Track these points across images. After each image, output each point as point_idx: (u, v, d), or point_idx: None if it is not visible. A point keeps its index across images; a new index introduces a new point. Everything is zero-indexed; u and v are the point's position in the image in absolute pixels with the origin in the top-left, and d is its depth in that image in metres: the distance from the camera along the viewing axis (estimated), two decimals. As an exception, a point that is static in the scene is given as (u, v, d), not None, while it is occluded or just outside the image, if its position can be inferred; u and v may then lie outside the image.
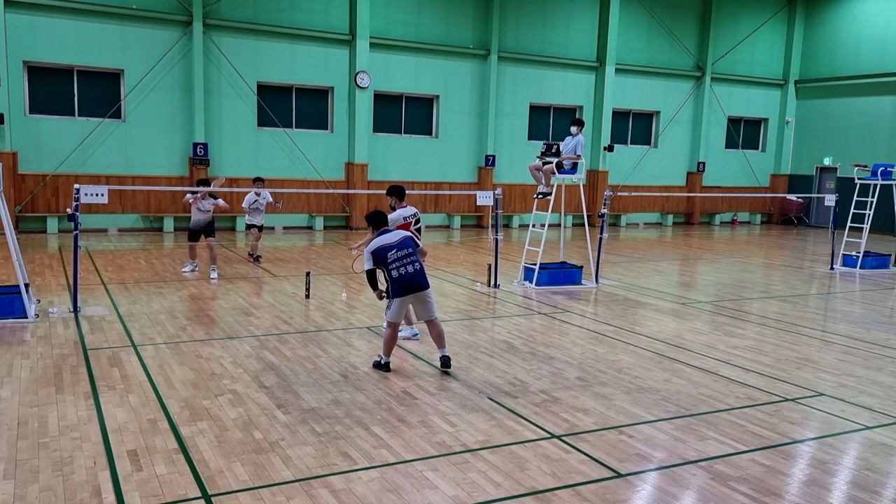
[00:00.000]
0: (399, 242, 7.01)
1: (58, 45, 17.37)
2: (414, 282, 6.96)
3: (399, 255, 6.94)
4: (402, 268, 6.91)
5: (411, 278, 6.94)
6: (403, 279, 6.91)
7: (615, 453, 5.37)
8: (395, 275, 6.91)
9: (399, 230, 7.32)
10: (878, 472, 5.22)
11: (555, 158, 12.12)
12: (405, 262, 6.93)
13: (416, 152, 21.93)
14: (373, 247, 7.00)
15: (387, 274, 6.97)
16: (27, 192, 17.43)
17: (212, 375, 6.92)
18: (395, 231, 7.22)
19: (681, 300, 11.71)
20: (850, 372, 7.77)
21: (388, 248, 6.94)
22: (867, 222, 15.58)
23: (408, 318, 8.19)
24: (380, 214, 7.30)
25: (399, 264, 6.92)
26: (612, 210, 24.10)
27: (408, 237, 7.12)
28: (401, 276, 6.91)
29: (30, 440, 5.26)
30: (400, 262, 6.92)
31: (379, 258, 6.95)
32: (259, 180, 13.98)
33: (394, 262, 6.91)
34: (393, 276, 6.93)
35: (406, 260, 6.95)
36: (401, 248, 6.97)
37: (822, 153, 27.08)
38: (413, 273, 6.96)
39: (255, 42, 19.35)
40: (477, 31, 22.24)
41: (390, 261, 6.91)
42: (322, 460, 5.07)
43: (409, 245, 7.07)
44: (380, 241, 7.03)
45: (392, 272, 6.91)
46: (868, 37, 25.42)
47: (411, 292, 6.98)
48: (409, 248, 7.04)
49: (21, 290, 8.80)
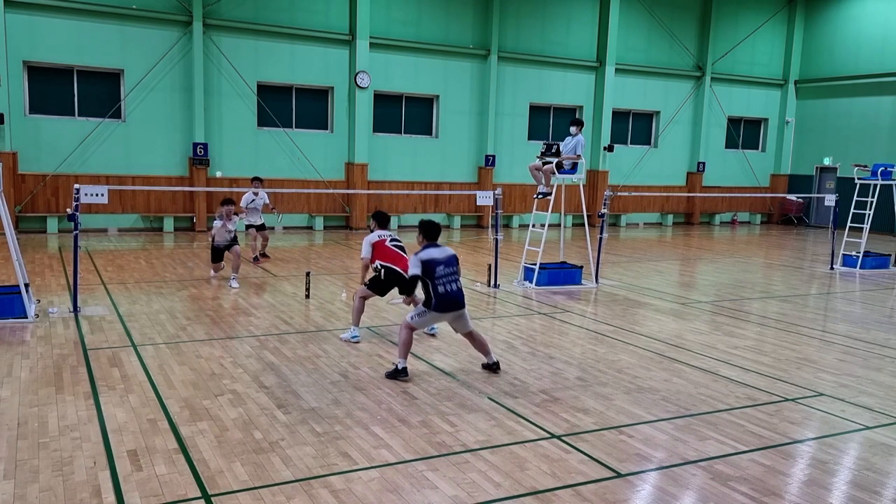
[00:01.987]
0: (447, 259, 7.06)
1: (58, 45, 17.37)
2: (456, 301, 7.03)
3: (447, 271, 6.99)
4: (448, 285, 6.96)
5: (455, 297, 7.01)
6: (448, 297, 6.95)
7: (615, 453, 5.37)
8: (441, 291, 6.93)
9: (447, 247, 7.30)
10: (878, 472, 5.22)
11: (555, 158, 12.12)
12: (450, 280, 6.99)
13: (416, 152, 21.93)
14: (424, 256, 6.99)
15: (431, 288, 6.96)
16: (27, 192, 17.43)
17: (212, 375, 6.92)
18: (444, 247, 7.22)
19: (681, 300, 11.71)
20: (850, 372, 7.77)
21: (437, 263, 6.97)
22: (867, 222, 15.58)
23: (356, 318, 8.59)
24: (434, 225, 7.30)
25: (445, 280, 6.96)
26: (612, 210, 24.10)
27: (454, 255, 7.18)
28: (446, 292, 6.94)
29: (30, 440, 5.26)
30: (446, 278, 6.97)
31: (427, 270, 6.96)
32: (257, 180, 13.95)
33: (441, 278, 6.94)
34: (438, 291, 6.93)
35: (451, 277, 7.02)
36: (448, 264, 7.03)
37: (821, 153, 27.08)
38: (456, 291, 7.03)
39: (255, 42, 19.36)
40: (477, 31, 22.25)
41: (438, 276, 6.93)
42: (322, 460, 5.07)
43: (455, 263, 7.14)
44: (431, 253, 7.04)
45: (438, 287, 6.93)
46: (868, 37, 25.42)
47: (452, 310, 7.05)
48: (455, 266, 7.12)
49: (21, 290, 8.80)
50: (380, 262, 8.31)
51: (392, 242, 8.51)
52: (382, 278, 8.33)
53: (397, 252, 8.42)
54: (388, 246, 8.42)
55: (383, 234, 8.57)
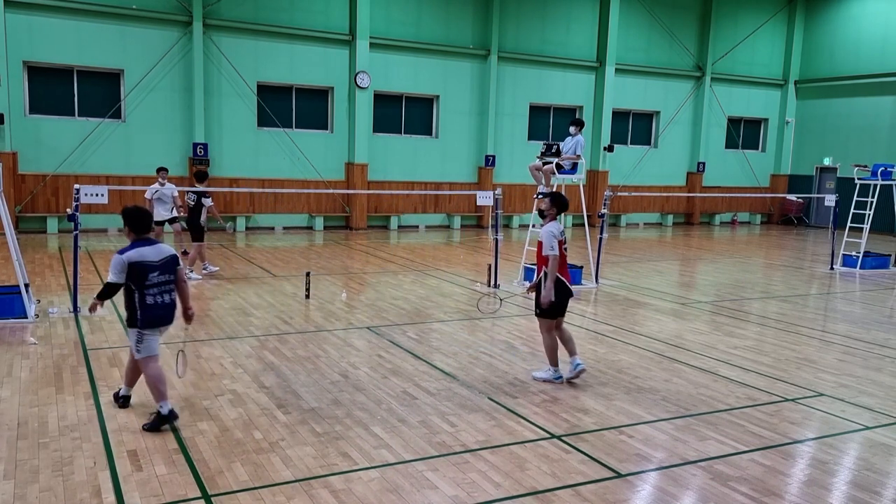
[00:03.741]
0: (163, 263, 5.88)
1: (58, 45, 17.37)
2: (165, 316, 5.87)
3: (161, 279, 5.84)
4: (160, 296, 5.82)
5: (165, 311, 5.85)
6: (157, 310, 5.79)
7: (615, 453, 5.37)
8: (150, 302, 5.76)
9: (164, 245, 6.06)
10: (878, 472, 5.22)
11: (555, 158, 12.12)
12: (164, 290, 5.86)
13: (416, 152, 21.93)
14: (135, 257, 5.72)
15: (138, 299, 5.75)
16: (27, 192, 17.43)
17: (212, 375, 6.92)
18: (160, 245, 6.03)
19: (681, 300, 11.71)
20: (850, 372, 7.77)
21: (151, 268, 5.79)
22: (867, 222, 15.57)
23: (553, 356, 7.08)
24: (140, 214, 5.98)
25: (157, 291, 5.81)
26: (612, 210, 24.10)
27: (172, 257, 5.98)
28: (156, 304, 5.78)
29: (30, 440, 5.26)
30: (160, 288, 5.83)
31: (135, 275, 5.73)
32: (163, 170, 13.43)
33: (152, 287, 5.78)
34: (147, 302, 5.74)
35: (166, 287, 5.88)
36: (164, 270, 5.87)
37: (822, 153, 27.08)
38: (169, 304, 5.89)
39: (255, 42, 19.36)
40: (477, 31, 22.25)
41: (149, 283, 5.77)
42: (322, 460, 5.07)
43: (173, 270, 5.97)
44: (144, 253, 5.79)
45: (147, 298, 5.73)
46: (868, 37, 25.42)
47: (161, 325, 5.89)
48: (172, 273, 5.94)
49: (21, 290, 8.80)
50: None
51: (565, 245, 7.19)
52: (554, 299, 6.93)
53: (565, 258, 7.12)
54: (562, 249, 7.10)
55: (562, 231, 7.21)
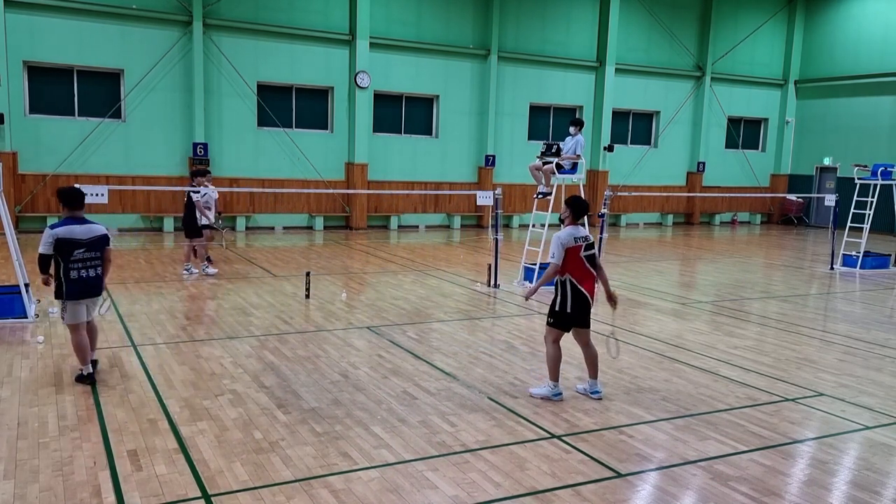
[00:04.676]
0: (91, 241, 6.44)
1: (58, 45, 17.37)
2: (94, 286, 6.53)
3: (86, 256, 6.42)
4: (85, 271, 6.42)
5: (93, 283, 6.47)
6: (81, 283, 6.40)
7: (615, 453, 5.37)
8: (74, 276, 6.37)
9: (97, 225, 6.62)
10: (878, 472, 5.22)
11: (555, 158, 12.13)
12: (89, 266, 6.45)
13: (416, 152, 21.93)
14: (62, 233, 6.28)
15: (63, 271, 6.33)
16: (27, 192, 17.43)
17: (212, 375, 6.92)
18: (94, 225, 6.55)
19: (681, 300, 11.70)
20: (850, 372, 7.77)
21: (77, 245, 6.34)
22: (867, 222, 15.57)
23: (554, 369, 6.54)
24: (73, 193, 6.50)
25: (82, 266, 6.40)
26: (612, 210, 24.09)
27: (102, 237, 6.53)
28: (79, 278, 6.40)
29: (30, 440, 5.26)
30: (84, 263, 6.40)
31: (61, 249, 6.27)
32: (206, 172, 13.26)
33: (76, 262, 6.35)
34: (70, 276, 6.36)
35: (91, 263, 6.46)
36: (91, 248, 6.43)
37: (822, 153, 27.08)
38: (94, 278, 6.51)
39: (255, 42, 19.35)
40: (477, 31, 22.24)
41: (73, 259, 6.32)
42: (322, 460, 5.07)
43: (101, 248, 6.54)
44: (73, 230, 6.32)
45: (71, 272, 6.35)
46: (868, 37, 25.41)
47: (87, 297, 6.50)
48: (99, 251, 6.52)
49: (21, 290, 8.81)
50: (569, 277, 6.41)
51: (585, 252, 6.45)
52: (569, 310, 6.38)
53: (587, 265, 6.46)
54: (581, 256, 6.42)
55: (578, 237, 6.45)
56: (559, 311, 6.37)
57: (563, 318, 6.38)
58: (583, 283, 6.36)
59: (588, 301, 6.39)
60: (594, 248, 6.56)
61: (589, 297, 6.40)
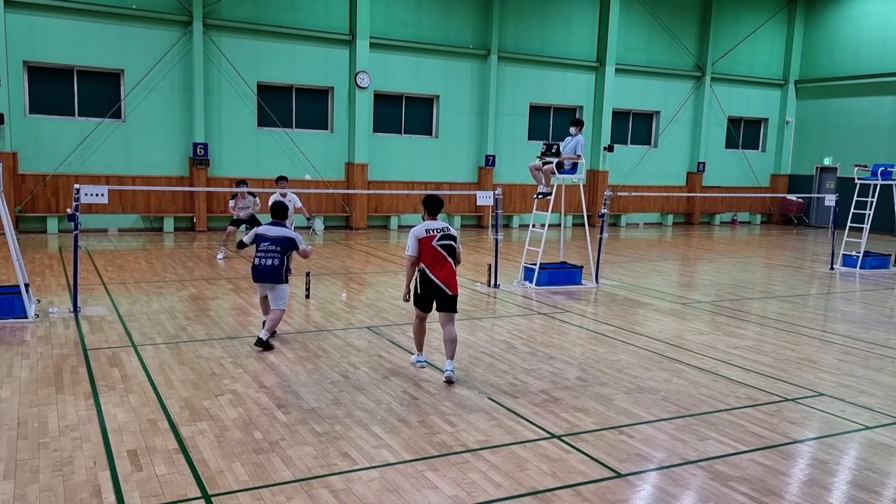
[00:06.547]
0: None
1: (58, 45, 17.37)
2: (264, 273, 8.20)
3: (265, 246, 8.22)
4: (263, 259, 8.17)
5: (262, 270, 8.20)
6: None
7: (615, 453, 5.37)
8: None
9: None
10: (878, 472, 5.22)
11: (555, 158, 12.13)
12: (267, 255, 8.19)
13: (416, 152, 21.93)
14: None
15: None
16: (27, 192, 17.43)
17: (212, 375, 6.92)
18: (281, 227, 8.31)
19: (681, 300, 11.71)
20: (850, 372, 7.77)
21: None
22: (867, 222, 15.57)
23: (418, 343, 7.45)
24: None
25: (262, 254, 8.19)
26: (612, 210, 24.10)
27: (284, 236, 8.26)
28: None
29: (30, 440, 5.26)
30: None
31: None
32: (283, 179, 13.14)
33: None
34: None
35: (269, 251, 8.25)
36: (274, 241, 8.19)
37: (822, 153, 27.08)
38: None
39: (255, 42, 19.35)
40: (477, 31, 22.24)
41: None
42: (322, 460, 5.07)
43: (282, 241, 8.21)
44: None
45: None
46: (868, 37, 25.41)
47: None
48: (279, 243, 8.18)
49: (21, 290, 8.80)
50: (423, 265, 6.98)
51: (439, 241, 6.96)
52: (419, 292, 7.02)
53: (442, 253, 6.94)
54: (434, 245, 6.92)
55: (430, 229, 7.00)
56: (414, 293, 7.06)
57: (416, 299, 7.05)
58: (434, 271, 6.90)
59: (438, 287, 6.88)
60: (452, 240, 7.02)
61: (441, 285, 6.88)
